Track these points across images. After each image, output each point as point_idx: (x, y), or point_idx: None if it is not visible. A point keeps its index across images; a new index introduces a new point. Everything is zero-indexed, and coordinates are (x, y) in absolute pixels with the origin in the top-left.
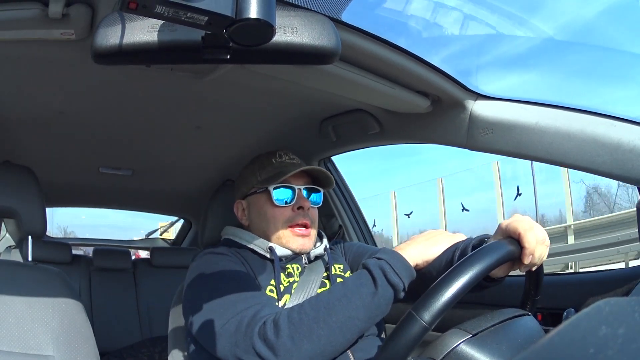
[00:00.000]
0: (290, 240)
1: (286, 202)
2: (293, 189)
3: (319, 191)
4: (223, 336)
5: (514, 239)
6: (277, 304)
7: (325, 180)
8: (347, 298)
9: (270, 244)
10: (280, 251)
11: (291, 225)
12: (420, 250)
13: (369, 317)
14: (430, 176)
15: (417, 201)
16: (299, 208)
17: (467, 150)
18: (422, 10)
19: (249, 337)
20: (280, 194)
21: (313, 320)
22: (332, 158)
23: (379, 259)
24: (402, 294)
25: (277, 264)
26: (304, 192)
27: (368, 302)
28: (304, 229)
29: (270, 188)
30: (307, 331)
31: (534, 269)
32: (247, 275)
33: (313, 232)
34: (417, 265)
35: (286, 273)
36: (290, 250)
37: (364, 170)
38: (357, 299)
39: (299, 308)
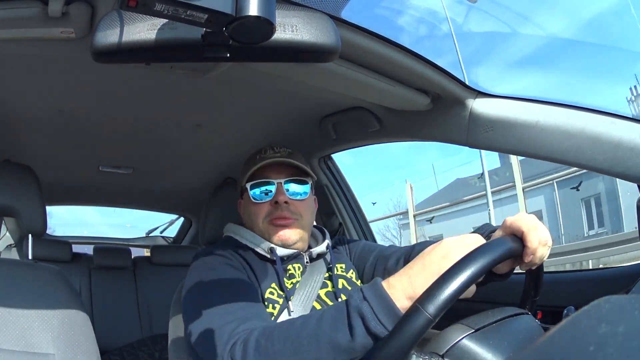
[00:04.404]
0: (271, 233)
1: (263, 198)
2: (272, 184)
3: (304, 182)
4: (207, 350)
5: (517, 237)
6: (279, 306)
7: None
8: (318, 339)
9: (272, 245)
10: (281, 251)
11: (271, 220)
12: (417, 286)
13: None
14: None
15: None
16: (276, 202)
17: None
18: (422, 8)
19: (221, 356)
20: (255, 191)
21: (278, 353)
22: (332, 156)
23: (363, 298)
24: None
25: (280, 266)
26: (286, 186)
27: (343, 349)
28: (283, 221)
29: (247, 186)
30: None
31: (534, 267)
32: (243, 281)
33: (298, 224)
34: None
35: (288, 275)
36: (273, 244)
37: None
38: (327, 343)
39: (269, 333)
